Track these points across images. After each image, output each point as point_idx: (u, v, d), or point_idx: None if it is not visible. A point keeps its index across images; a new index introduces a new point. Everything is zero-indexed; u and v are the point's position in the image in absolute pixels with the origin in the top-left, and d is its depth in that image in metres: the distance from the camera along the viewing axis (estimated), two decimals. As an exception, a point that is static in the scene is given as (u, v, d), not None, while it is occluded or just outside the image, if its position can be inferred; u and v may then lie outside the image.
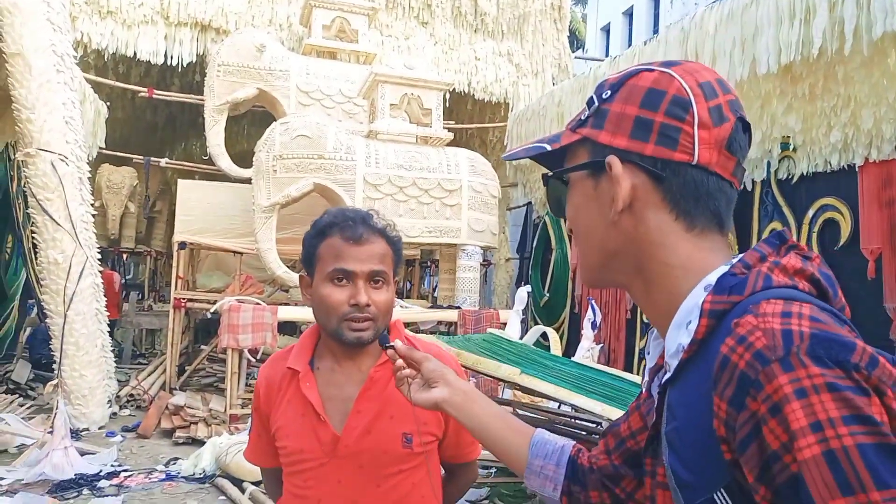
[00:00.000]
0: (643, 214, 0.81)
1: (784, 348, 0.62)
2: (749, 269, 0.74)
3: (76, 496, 4.89)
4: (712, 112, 0.78)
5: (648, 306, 0.85)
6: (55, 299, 6.61)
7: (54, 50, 6.74)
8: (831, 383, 0.60)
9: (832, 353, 0.61)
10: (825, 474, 0.58)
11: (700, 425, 0.70)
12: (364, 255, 1.43)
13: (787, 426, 0.60)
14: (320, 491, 1.44)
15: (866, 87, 4.95)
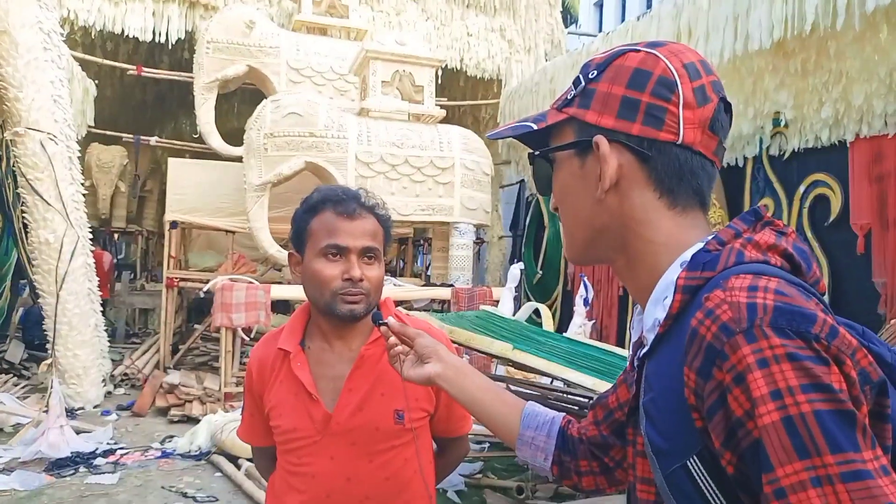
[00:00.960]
0: (628, 192, 0.82)
1: (748, 320, 0.65)
2: (723, 246, 0.76)
3: (73, 473, 4.93)
4: (696, 92, 0.80)
5: (631, 282, 0.87)
6: (47, 279, 6.60)
7: (41, 27, 6.65)
8: (792, 353, 0.62)
9: (794, 325, 0.64)
10: (783, 439, 0.61)
11: (673, 395, 0.73)
12: (357, 230, 1.45)
13: (749, 394, 0.63)
14: (314, 468, 1.47)
15: (858, 63, 4.96)
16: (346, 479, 1.45)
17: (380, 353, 1.50)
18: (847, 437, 0.60)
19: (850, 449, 0.59)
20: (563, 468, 1.08)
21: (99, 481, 4.78)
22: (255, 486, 4.59)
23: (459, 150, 7.81)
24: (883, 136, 4.94)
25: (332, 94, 8.80)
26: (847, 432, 0.60)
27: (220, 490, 4.70)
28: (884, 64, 4.78)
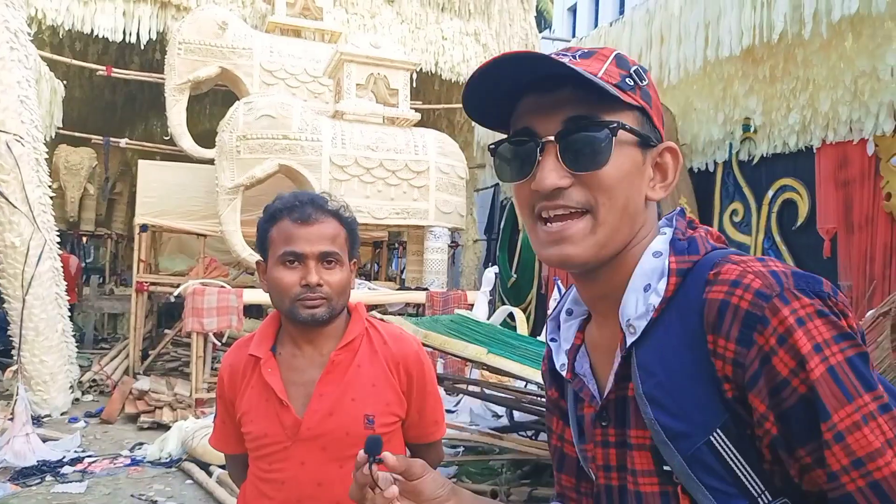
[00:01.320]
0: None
1: (778, 285, 0.70)
2: (686, 235, 0.84)
3: (39, 482, 4.82)
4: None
5: (606, 283, 0.84)
6: (13, 283, 6.46)
7: (7, 26, 6.52)
8: (820, 310, 0.69)
9: (812, 286, 0.71)
10: (832, 387, 0.67)
11: (685, 374, 0.75)
12: (313, 236, 1.45)
13: (795, 351, 0.68)
14: (284, 473, 1.46)
15: (824, 71, 5.07)
16: (316, 485, 1.45)
17: (350, 359, 1.50)
18: (871, 375, 0.68)
19: (875, 385, 0.68)
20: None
21: (66, 490, 4.69)
22: (226, 493, 4.53)
23: (434, 153, 7.81)
24: (848, 142, 5.06)
25: (305, 97, 8.75)
26: (869, 371, 0.68)
27: (191, 498, 4.64)
28: (849, 72, 4.89)
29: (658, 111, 0.85)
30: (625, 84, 0.80)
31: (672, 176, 0.85)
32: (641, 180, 0.82)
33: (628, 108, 0.80)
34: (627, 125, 0.79)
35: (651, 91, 0.84)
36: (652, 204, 0.86)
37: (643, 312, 0.80)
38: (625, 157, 0.80)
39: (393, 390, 1.50)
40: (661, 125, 0.86)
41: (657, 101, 0.85)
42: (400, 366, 1.54)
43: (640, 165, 0.82)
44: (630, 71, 0.81)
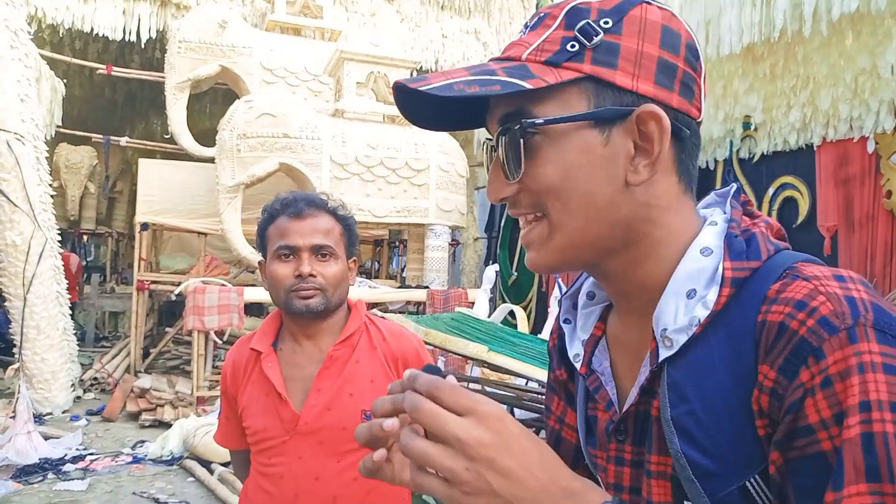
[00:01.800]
0: (658, 177, 0.68)
1: (852, 316, 0.56)
2: (742, 229, 0.69)
3: (41, 480, 4.84)
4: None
5: (628, 280, 0.72)
6: (14, 282, 6.47)
7: (7, 25, 6.52)
8: (888, 364, 0.54)
9: (894, 329, 0.56)
10: (861, 457, 0.53)
11: (727, 406, 0.62)
12: (306, 229, 1.49)
13: (836, 402, 0.55)
14: (283, 468, 1.48)
15: (824, 68, 5.07)
16: (314, 479, 1.46)
17: (348, 355, 1.52)
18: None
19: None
20: None
21: (68, 488, 4.70)
22: (228, 490, 4.54)
23: (435, 151, 7.81)
24: (848, 140, 5.06)
25: (306, 95, 8.75)
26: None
27: (192, 495, 4.65)
28: (849, 69, 4.89)
29: (639, 59, 0.66)
30: (562, 54, 0.66)
31: (656, 147, 0.66)
32: (606, 166, 0.66)
33: (571, 83, 0.65)
34: (547, 118, 0.65)
35: (620, 39, 0.65)
36: (660, 185, 0.68)
37: (685, 325, 0.65)
38: (568, 147, 0.66)
39: None
40: (651, 75, 0.66)
41: (643, 45, 0.66)
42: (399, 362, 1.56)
43: (597, 150, 0.66)
44: (575, 31, 0.66)
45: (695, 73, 0.69)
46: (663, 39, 0.67)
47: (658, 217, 0.69)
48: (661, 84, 0.66)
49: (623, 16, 0.66)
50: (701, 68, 0.70)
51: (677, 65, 0.67)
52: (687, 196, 0.71)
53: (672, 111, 0.67)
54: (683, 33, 0.68)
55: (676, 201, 0.70)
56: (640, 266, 0.70)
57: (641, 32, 0.66)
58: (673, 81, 0.67)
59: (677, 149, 0.69)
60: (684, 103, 0.68)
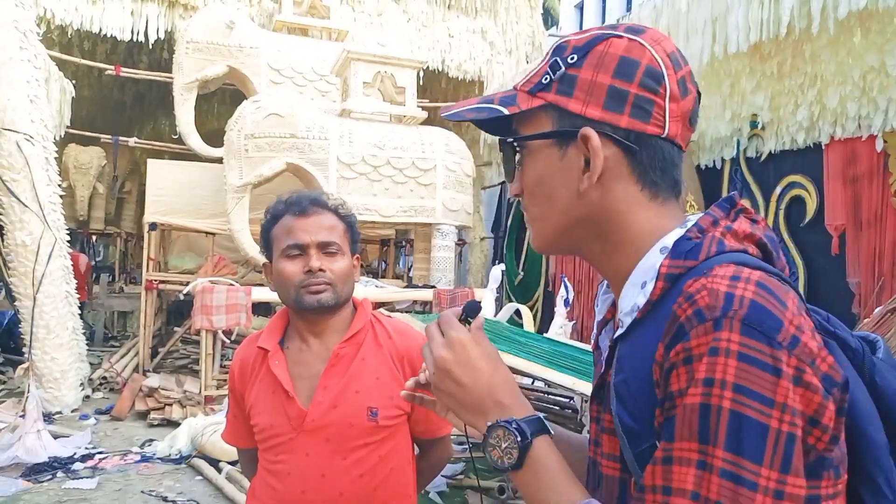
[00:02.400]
0: (611, 185, 0.80)
1: (721, 310, 0.66)
2: (703, 234, 0.77)
3: (50, 479, 4.87)
4: (680, 84, 0.80)
5: (606, 267, 0.86)
6: (24, 282, 6.51)
7: (16, 26, 6.57)
8: (746, 354, 0.64)
9: (764, 327, 0.65)
10: (694, 421, 0.64)
11: (644, 377, 0.74)
12: (312, 226, 1.51)
13: (690, 375, 0.66)
14: (290, 465, 1.49)
15: (832, 66, 5.05)
16: (320, 476, 1.48)
17: (354, 353, 1.53)
18: (751, 445, 0.62)
19: (748, 457, 0.62)
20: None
21: (77, 486, 4.73)
22: (236, 489, 4.57)
23: (441, 151, 7.82)
24: (857, 138, 5.04)
25: (313, 96, 8.77)
26: (758, 444, 0.62)
27: (200, 494, 4.67)
28: (857, 67, 4.87)
29: (591, 89, 0.78)
30: (539, 86, 0.83)
31: (592, 163, 0.79)
32: (564, 175, 0.82)
33: (540, 109, 0.82)
34: (515, 136, 0.85)
35: (579, 72, 0.79)
36: (613, 192, 0.80)
37: (629, 310, 0.79)
38: (540, 160, 0.84)
39: (398, 384, 1.51)
40: (599, 102, 0.78)
41: (596, 76, 0.78)
42: (404, 360, 1.57)
43: (556, 163, 0.82)
44: (548, 66, 0.82)
45: (653, 96, 0.78)
46: (617, 69, 0.78)
47: (616, 218, 0.82)
48: (608, 108, 0.79)
49: (588, 51, 0.80)
50: (666, 89, 0.79)
51: (629, 90, 0.78)
52: (656, 202, 0.81)
53: (621, 131, 0.79)
54: (645, 61, 0.78)
55: (637, 205, 0.81)
56: (611, 257, 0.84)
57: (598, 65, 0.79)
58: (623, 105, 0.78)
59: (631, 161, 0.80)
60: (636, 123, 0.79)
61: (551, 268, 8.76)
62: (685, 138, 0.82)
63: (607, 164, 0.79)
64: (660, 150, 0.80)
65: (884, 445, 0.72)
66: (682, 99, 0.80)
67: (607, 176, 0.80)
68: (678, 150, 0.82)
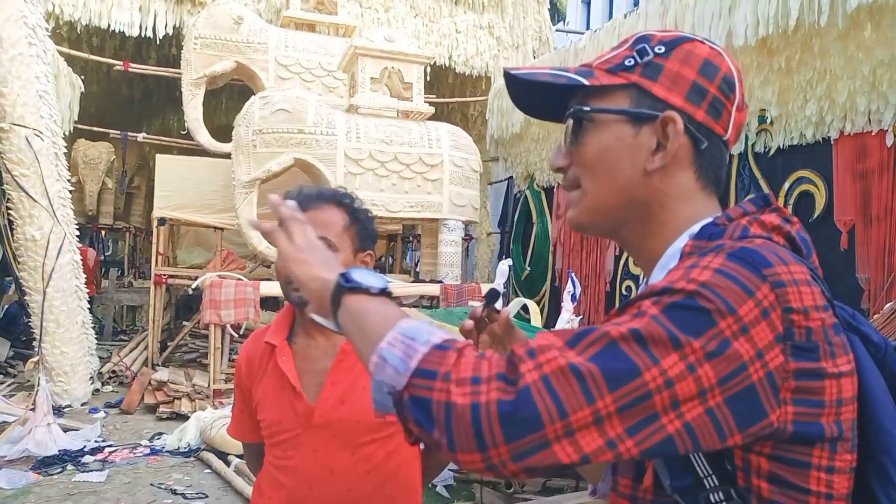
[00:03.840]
0: (672, 171, 0.85)
1: (712, 247, 0.74)
2: (730, 221, 0.81)
3: (60, 472, 4.91)
4: (743, 97, 0.87)
5: (640, 251, 0.90)
6: (34, 276, 6.55)
7: (25, 21, 6.59)
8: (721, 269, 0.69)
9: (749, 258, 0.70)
10: (643, 295, 0.72)
11: None
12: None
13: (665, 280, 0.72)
14: (297, 460, 1.50)
15: (841, 61, 5.01)
16: (328, 472, 1.48)
17: None
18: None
19: (687, 332, 0.66)
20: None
21: (87, 479, 4.77)
22: (244, 482, 4.59)
23: (448, 146, 7.82)
24: (866, 133, 5.00)
25: (320, 91, 8.79)
26: (693, 322, 0.66)
27: (209, 487, 4.70)
28: (867, 62, 4.83)
29: (676, 79, 0.84)
30: (620, 66, 0.86)
31: (670, 145, 0.83)
32: (632, 153, 0.85)
33: (620, 88, 0.86)
34: (592, 107, 0.86)
35: (666, 62, 0.84)
36: (674, 177, 0.85)
37: None
38: (606, 134, 0.86)
39: None
40: (683, 92, 0.83)
41: (682, 69, 0.84)
42: None
43: (628, 140, 0.85)
44: (634, 51, 0.87)
45: (726, 100, 0.85)
46: (702, 68, 0.84)
47: (668, 202, 0.86)
48: (690, 100, 0.84)
49: (675, 46, 0.85)
50: (735, 98, 0.85)
51: (709, 90, 0.84)
52: (703, 193, 0.87)
53: (695, 123, 0.84)
54: (724, 69, 0.85)
55: (689, 194, 0.86)
56: (647, 240, 0.88)
57: (685, 60, 0.84)
58: (702, 101, 0.84)
59: (696, 153, 0.85)
60: (709, 119, 0.84)
61: (558, 263, 8.75)
62: (732, 146, 0.90)
63: (678, 150, 0.84)
64: (719, 149, 0.86)
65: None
66: (742, 111, 0.87)
67: (674, 162, 0.85)
68: (728, 155, 0.89)
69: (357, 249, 1.54)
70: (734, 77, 0.85)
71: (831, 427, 0.70)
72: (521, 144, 9.38)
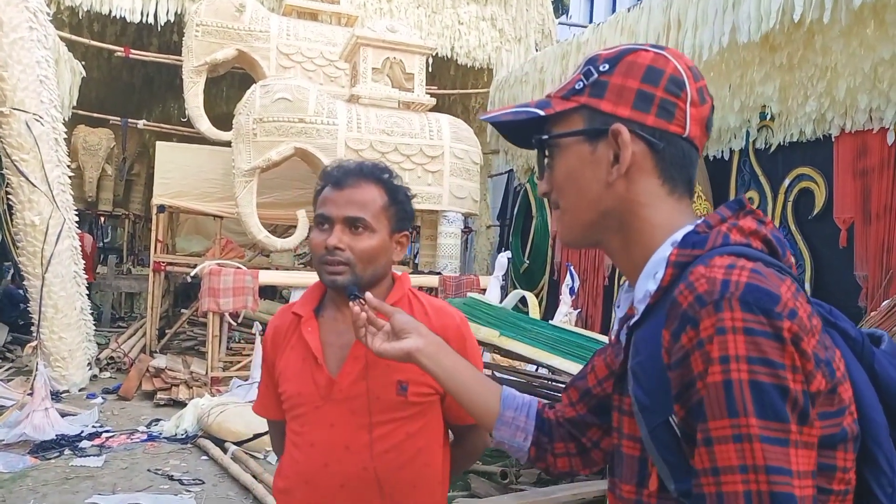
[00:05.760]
0: (636, 178, 0.89)
1: (719, 293, 0.74)
2: (711, 229, 0.85)
3: (58, 456, 4.93)
4: (699, 92, 0.90)
5: (624, 260, 0.94)
6: (33, 261, 6.55)
7: (27, 6, 6.57)
8: (749, 328, 0.71)
9: (760, 302, 0.72)
10: (720, 398, 0.71)
11: (655, 358, 0.82)
12: (342, 199, 1.45)
13: (706, 357, 0.73)
14: (313, 435, 1.47)
15: (843, 58, 5.00)
16: (344, 448, 1.44)
17: None
18: (773, 407, 0.70)
19: (773, 417, 0.70)
20: (540, 449, 1.12)
21: (84, 464, 4.79)
22: (241, 469, 4.62)
23: (449, 138, 7.81)
24: (867, 131, 5.00)
25: (322, 80, 8.76)
26: (778, 402, 0.70)
27: (206, 473, 4.72)
28: (868, 59, 4.82)
29: (620, 92, 0.88)
30: (572, 91, 0.93)
31: (622, 155, 0.88)
32: (594, 169, 0.91)
33: (573, 111, 0.92)
34: (550, 134, 0.94)
35: (610, 78, 0.89)
36: (638, 185, 0.89)
37: (642, 297, 0.88)
38: (571, 156, 0.93)
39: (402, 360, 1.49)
40: (629, 102, 0.88)
41: (625, 81, 0.88)
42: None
43: (587, 157, 0.91)
44: (581, 74, 0.93)
45: (676, 99, 0.88)
46: (645, 76, 0.88)
47: (638, 210, 0.90)
48: (637, 108, 0.88)
49: (618, 61, 0.90)
50: (688, 95, 0.89)
51: (655, 94, 0.88)
52: (672, 197, 0.91)
53: (647, 128, 0.88)
54: (669, 70, 0.89)
55: (657, 199, 0.90)
56: (628, 249, 0.92)
57: (627, 72, 0.89)
58: (650, 106, 0.88)
59: (655, 157, 0.89)
60: (660, 122, 0.88)
61: (557, 256, 8.76)
62: (702, 142, 0.92)
63: (634, 158, 0.88)
64: (680, 148, 0.90)
65: (883, 426, 0.79)
66: (701, 105, 0.90)
67: (633, 169, 0.89)
68: (695, 151, 0.92)
69: (394, 230, 1.51)
70: (682, 75, 0.88)
71: (851, 427, 0.76)
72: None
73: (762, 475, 0.69)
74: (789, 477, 0.69)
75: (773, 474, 0.68)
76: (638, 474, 0.87)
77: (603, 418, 1.06)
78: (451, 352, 1.18)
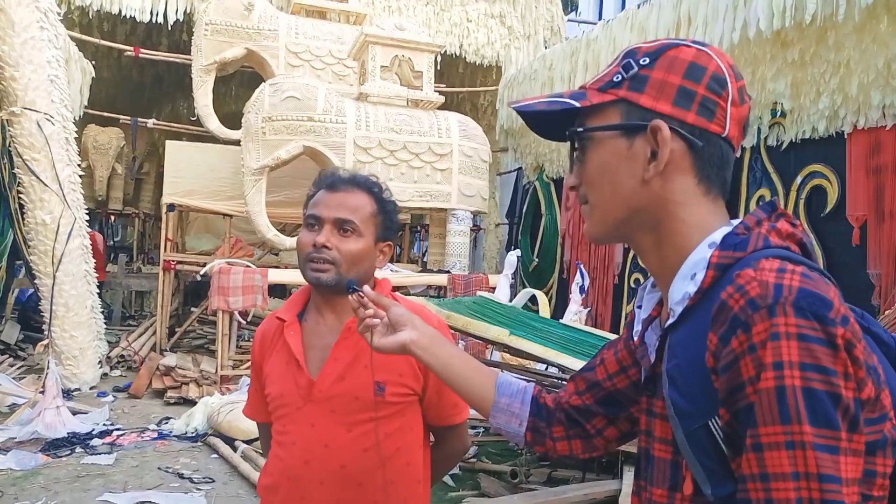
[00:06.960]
0: (672, 176, 0.87)
1: (773, 297, 0.73)
2: (749, 231, 0.84)
3: (69, 454, 4.96)
4: (740, 91, 0.88)
5: (655, 259, 0.92)
6: (43, 260, 6.59)
7: (37, 6, 6.60)
8: (803, 333, 0.71)
9: (813, 307, 0.72)
10: (773, 404, 0.71)
11: (697, 361, 0.80)
12: (334, 202, 1.52)
13: (759, 363, 0.72)
14: (295, 435, 1.52)
15: (856, 54, 4.95)
16: (323, 446, 1.50)
17: None
18: (826, 414, 0.69)
19: (826, 425, 0.69)
20: (537, 434, 1.14)
21: (95, 461, 4.81)
22: (251, 467, 4.62)
23: (458, 136, 7.80)
24: (881, 127, 4.95)
25: (330, 79, 8.77)
26: (830, 410, 0.69)
27: (216, 471, 4.73)
28: (882, 55, 4.77)
29: (662, 87, 0.86)
30: (610, 83, 0.90)
31: (660, 152, 0.86)
32: (629, 165, 0.88)
33: (611, 104, 0.90)
34: (585, 127, 0.91)
35: (651, 72, 0.87)
36: (675, 184, 0.87)
37: (681, 299, 0.86)
38: (606, 150, 0.90)
39: (408, 363, 1.51)
40: (670, 98, 0.86)
41: (667, 76, 0.86)
42: None
43: (623, 152, 0.89)
44: (620, 66, 0.90)
45: (717, 98, 0.86)
46: (687, 72, 0.86)
47: (673, 209, 0.88)
48: (678, 105, 0.86)
49: (659, 55, 0.88)
50: (729, 94, 0.87)
51: (697, 91, 0.86)
52: (708, 198, 0.89)
53: (687, 126, 0.86)
54: (712, 67, 0.87)
55: (693, 199, 0.88)
56: (661, 248, 0.90)
57: (669, 67, 0.87)
58: (691, 103, 0.86)
59: (693, 156, 0.87)
60: (701, 120, 0.86)
61: (566, 255, 8.73)
62: (738, 141, 0.91)
63: (672, 156, 0.86)
64: (719, 148, 0.88)
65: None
66: (741, 105, 0.88)
67: (671, 167, 0.87)
68: (732, 152, 0.90)
69: (378, 238, 1.57)
70: (724, 74, 0.87)
71: (892, 433, 0.76)
72: (530, 135, 9.33)
73: (815, 483, 0.68)
74: (839, 485, 0.68)
75: (825, 482, 0.68)
76: (671, 478, 0.86)
77: (609, 410, 1.08)
78: (445, 342, 1.18)
